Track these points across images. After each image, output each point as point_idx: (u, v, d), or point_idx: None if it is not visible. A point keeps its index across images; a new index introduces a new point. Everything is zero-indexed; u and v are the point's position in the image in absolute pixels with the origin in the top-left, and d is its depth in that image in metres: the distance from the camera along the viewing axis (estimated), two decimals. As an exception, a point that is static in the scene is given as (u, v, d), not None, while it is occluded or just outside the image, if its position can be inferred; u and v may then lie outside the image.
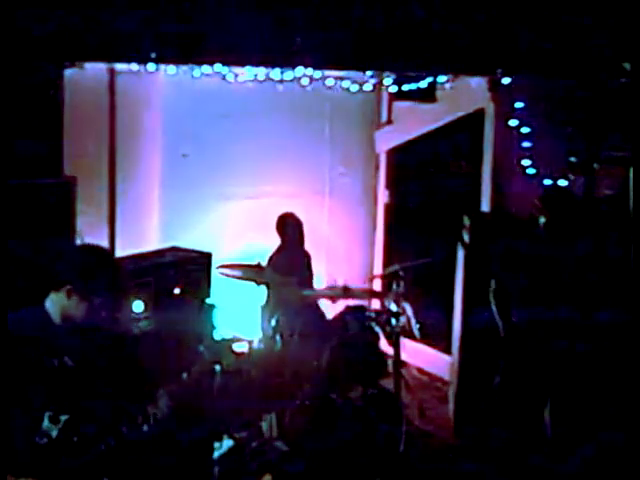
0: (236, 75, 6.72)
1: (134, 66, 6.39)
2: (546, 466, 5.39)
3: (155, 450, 3.93)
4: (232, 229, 7.63)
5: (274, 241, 7.11)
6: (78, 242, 5.97)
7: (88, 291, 3.61)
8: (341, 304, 6.67)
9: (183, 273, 6.00)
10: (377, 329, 6.34)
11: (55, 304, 3.64)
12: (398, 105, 8.07)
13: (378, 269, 8.42)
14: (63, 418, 3.44)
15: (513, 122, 6.56)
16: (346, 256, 8.34)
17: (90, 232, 6.25)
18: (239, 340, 6.25)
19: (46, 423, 3.43)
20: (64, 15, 5.57)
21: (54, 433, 3.43)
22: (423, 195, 8.15)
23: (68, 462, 3.41)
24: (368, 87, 7.36)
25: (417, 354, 7.50)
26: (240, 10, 5.93)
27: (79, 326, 3.65)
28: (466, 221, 6.50)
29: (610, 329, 5.37)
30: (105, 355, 3.80)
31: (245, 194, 7.69)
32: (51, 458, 3.40)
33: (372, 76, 7.14)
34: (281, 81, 6.77)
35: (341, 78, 7.13)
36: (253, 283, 6.39)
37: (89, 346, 3.68)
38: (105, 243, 7.02)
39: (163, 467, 4.14)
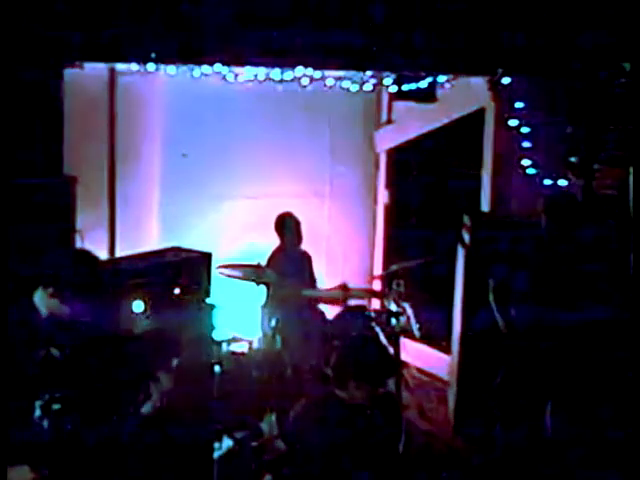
0: (236, 75, 6.72)
1: (134, 66, 6.39)
2: (546, 465, 5.39)
3: (155, 450, 3.94)
4: (232, 229, 7.63)
5: (274, 241, 7.11)
6: (78, 242, 5.98)
7: (67, 296, 3.71)
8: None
9: (183, 273, 5.99)
10: (377, 329, 6.35)
11: (41, 300, 3.81)
12: (398, 105, 8.07)
13: (378, 269, 8.42)
14: (55, 407, 3.49)
15: (513, 122, 6.56)
16: (346, 256, 8.34)
17: (90, 232, 6.25)
18: (239, 340, 6.25)
19: (38, 413, 3.47)
20: (64, 15, 5.58)
21: (45, 423, 3.47)
22: (423, 195, 8.16)
23: (61, 451, 3.45)
24: (368, 87, 7.35)
25: (417, 354, 7.50)
26: (240, 10, 5.94)
27: (64, 323, 3.74)
28: (466, 221, 6.50)
29: (610, 329, 5.37)
30: (93, 350, 3.85)
31: (245, 194, 7.68)
32: (43, 447, 3.43)
33: (372, 76, 7.14)
34: (281, 81, 6.77)
35: (341, 78, 7.13)
36: (253, 283, 6.40)
37: (76, 341, 3.76)
38: (105, 243, 7.03)
39: (163, 467, 4.15)
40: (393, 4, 6.25)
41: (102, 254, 6.66)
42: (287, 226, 7.06)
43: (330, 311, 6.87)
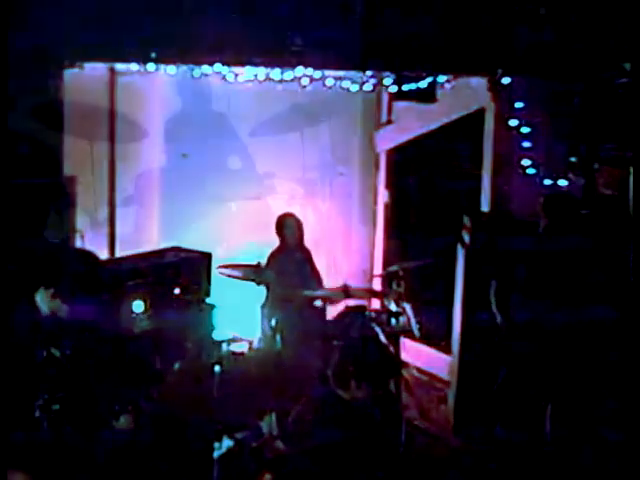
0: (236, 75, 6.72)
1: (134, 66, 6.39)
2: (546, 466, 5.39)
3: (155, 450, 3.94)
4: (232, 229, 7.63)
5: (274, 241, 7.11)
6: (78, 242, 5.98)
7: (69, 296, 3.72)
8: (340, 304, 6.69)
9: (183, 273, 5.99)
10: (377, 329, 6.35)
11: (43, 300, 3.80)
12: (398, 105, 8.07)
13: (378, 269, 8.42)
14: (55, 407, 3.50)
15: (513, 122, 6.56)
16: (346, 256, 8.33)
17: (90, 232, 6.25)
18: (239, 340, 6.25)
19: (37, 413, 3.47)
20: (64, 15, 5.58)
21: (45, 423, 3.48)
22: (423, 195, 8.15)
23: (60, 453, 3.45)
24: (368, 87, 7.35)
25: (417, 354, 7.50)
26: (239, 10, 5.94)
27: (65, 323, 3.75)
28: (466, 221, 6.50)
29: (609, 329, 5.37)
30: (94, 350, 3.86)
31: (245, 194, 7.68)
32: (43, 448, 3.44)
33: (372, 76, 7.14)
34: (281, 81, 6.77)
35: (341, 78, 7.13)
36: (253, 283, 6.40)
37: (76, 341, 3.77)
38: (105, 243, 7.03)
39: (163, 467, 4.15)
40: (393, 4, 6.25)
41: (102, 254, 6.66)
42: (287, 226, 7.06)
43: (330, 311, 6.87)
